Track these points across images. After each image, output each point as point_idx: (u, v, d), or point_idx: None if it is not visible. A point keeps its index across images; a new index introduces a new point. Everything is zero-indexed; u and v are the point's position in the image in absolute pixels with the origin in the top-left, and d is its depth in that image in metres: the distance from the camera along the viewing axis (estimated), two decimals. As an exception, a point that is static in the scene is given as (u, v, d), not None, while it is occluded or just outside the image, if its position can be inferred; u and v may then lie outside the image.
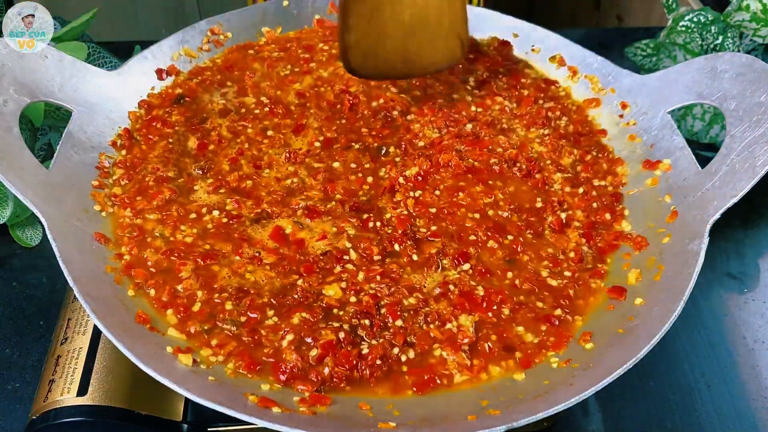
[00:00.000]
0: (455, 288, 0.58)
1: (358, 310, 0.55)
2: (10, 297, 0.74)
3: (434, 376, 0.52)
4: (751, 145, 0.58)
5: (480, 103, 0.76)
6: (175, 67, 0.76)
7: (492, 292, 0.58)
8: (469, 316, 0.56)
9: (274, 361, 0.52)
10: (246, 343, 0.53)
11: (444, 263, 0.59)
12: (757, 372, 0.70)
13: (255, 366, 0.51)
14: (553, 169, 0.69)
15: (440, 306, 0.56)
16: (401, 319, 0.55)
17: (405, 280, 0.58)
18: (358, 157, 0.69)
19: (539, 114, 0.74)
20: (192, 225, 0.61)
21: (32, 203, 0.53)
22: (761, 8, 0.84)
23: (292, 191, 0.65)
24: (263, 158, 0.68)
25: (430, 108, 0.74)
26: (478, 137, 0.71)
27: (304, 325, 0.54)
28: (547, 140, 0.71)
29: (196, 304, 0.55)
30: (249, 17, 0.82)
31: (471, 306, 0.57)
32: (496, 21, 0.83)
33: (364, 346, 0.53)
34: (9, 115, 0.58)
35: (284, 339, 0.53)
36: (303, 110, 0.73)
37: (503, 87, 0.78)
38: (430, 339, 0.54)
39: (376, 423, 0.48)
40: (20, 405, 0.64)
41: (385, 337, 0.54)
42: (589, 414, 0.66)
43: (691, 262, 0.55)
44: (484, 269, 0.59)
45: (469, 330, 0.55)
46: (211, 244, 0.60)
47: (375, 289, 0.57)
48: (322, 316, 0.55)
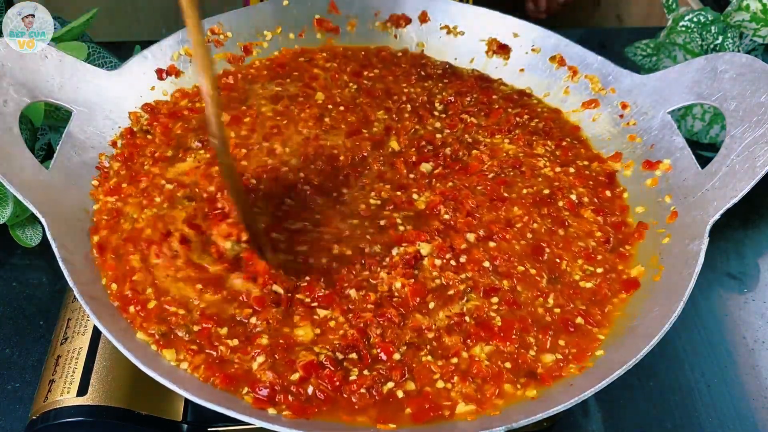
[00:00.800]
0: (471, 319, 0.55)
1: (342, 345, 0.52)
2: (10, 297, 0.74)
3: (434, 406, 0.50)
4: (751, 145, 0.58)
5: (448, 125, 0.74)
6: (175, 67, 0.76)
7: (513, 320, 0.55)
8: (486, 347, 0.53)
9: (249, 381, 0.50)
10: (213, 357, 0.51)
11: (471, 296, 0.57)
12: (757, 372, 0.70)
13: (230, 382, 0.49)
14: (533, 161, 0.70)
15: (451, 339, 0.53)
16: (398, 353, 0.52)
17: (411, 323, 0.54)
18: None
19: (507, 121, 0.74)
20: (162, 199, 0.62)
21: (32, 203, 0.53)
22: (761, 8, 0.84)
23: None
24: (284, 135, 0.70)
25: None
26: (461, 161, 0.70)
27: (276, 347, 0.52)
28: (514, 137, 0.72)
29: (151, 302, 0.54)
30: (249, 17, 0.82)
31: (487, 335, 0.54)
32: (496, 21, 0.83)
33: (352, 373, 0.51)
34: (9, 115, 0.58)
35: (254, 360, 0.51)
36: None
37: (471, 104, 0.77)
38: (431, 373, 0.51)
39: (376, 424, 0.48)
40: (20, 405, 0.64)
41: (379, 371, 0.51)
42: (589, 414, 0.66)
43: (691, 262, 0.55)
44: (514, 301, 0.57)
45: (484, 361, 0.52)
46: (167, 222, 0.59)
47: (364, 324, 0.54)
48: (292, 345, 0.52)
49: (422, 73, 0.81)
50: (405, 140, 0.72)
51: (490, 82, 0.81)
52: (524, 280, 0.58)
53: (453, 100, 0.77)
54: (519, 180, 0.68)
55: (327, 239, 0.61)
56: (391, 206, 0.64)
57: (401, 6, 0.86)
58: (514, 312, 0.56)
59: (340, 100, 0.76)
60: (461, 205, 0.64)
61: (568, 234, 0.63)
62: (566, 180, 0.68)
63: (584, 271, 0.60)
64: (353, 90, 0.78)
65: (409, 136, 0.72)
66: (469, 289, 0.57)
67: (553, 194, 0.66)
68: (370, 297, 0.56)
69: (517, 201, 0.65)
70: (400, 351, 0.52)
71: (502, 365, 0.52)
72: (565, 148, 0.72)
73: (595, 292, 0.58)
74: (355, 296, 0.56)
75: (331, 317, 0.54)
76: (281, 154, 0.69)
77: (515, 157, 0.70)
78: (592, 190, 0.67)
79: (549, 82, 0.80)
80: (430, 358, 0.52)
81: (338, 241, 0.61)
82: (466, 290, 0.57)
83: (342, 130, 0.72)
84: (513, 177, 0.68)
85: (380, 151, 0.70)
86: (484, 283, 0.57)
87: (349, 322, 0.54)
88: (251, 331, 0.53)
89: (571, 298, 0.58)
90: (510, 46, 0.83)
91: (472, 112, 0.76)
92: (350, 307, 0.55)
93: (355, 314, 0.54)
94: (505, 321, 0.55)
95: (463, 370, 0.52)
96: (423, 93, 0.78)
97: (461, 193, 0.65)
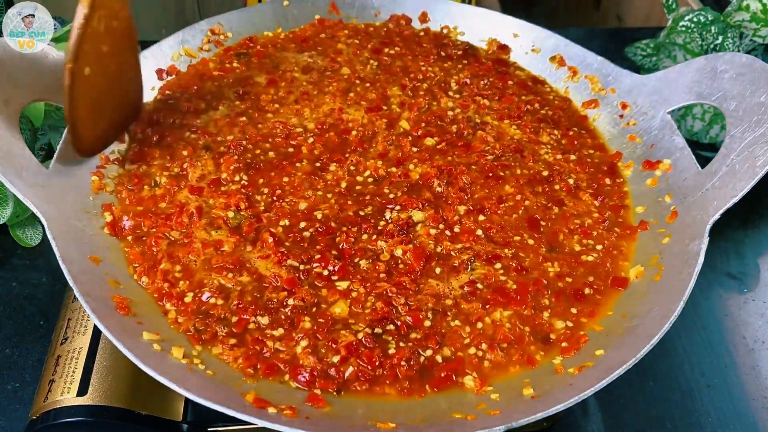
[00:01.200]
0: (483, 286, 0.57)
1: (375, 318, 0.54)
2: (10, 297, 0.74)
3: (453, 374, 0.52)
4: (751, 145, 0.58)
5: (460, 104, 0.76)
6: (175, 67, 0.76)
7: (527, 282, 0.57)
8: (505, 312, 0.56)
9: (291, 366, 0.52)
10: (254, 351, 0.52)
11: (475, 265, 0.59)
12: (757, 372, 0.70)
13: (273, 370, 0.51)
14: (537, 148, 0.71)
15: (471, 306, 0.56)
16: (428, 320, 0.55)
17: (427, 289, 0.57)
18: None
19: (518, 108, 0.75)
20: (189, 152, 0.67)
21: (32, 203, 0.53)
22: (761, 8, 0.84)
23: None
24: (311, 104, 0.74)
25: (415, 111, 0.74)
26: (465, 139, 0.71)
27: (318, 328, 0.54)
28: (522, 123, 0.73)
29: (188, 296, 0.56)
30: (249, 17, 0.82)
31: (505, 300, 0.56)
32: (496, 21, 0.84)
33: (390, 346, 0.53)
34: (9, 115, 0.58)
35: (298, 345, 0.53)
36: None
37: (486, 87, 0.78)
38: (461, 338, 0.54)
39: (376, 423, 0.48)
40: (20, 405, 0.64)
41: (414, 340, 0.53)
42: (589, 414, 0.66)
43: (691, 262, 0.55)
44: (520, 266, 0.59)
45: (506, 324, 0.55)
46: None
47: (390, 296, 0.56)
48: (332, 323, 0.54)
49: (442, 54, 0.82)
50: (415, 116, 0.73)
51: (507, 66, 0.82)
52: (524, 248, 0.61)
53: (468, 83, 0.78)
54: (518, 163, 0.69)
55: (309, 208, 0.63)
56: (387, 184, 0.66)
57: (401, 6, 0.86)
58: (524, 276, 0.58)
59: (363, 76, 0.78)
60: (455, 179, 0.66)
61: (563, 211, 0.64)
62: (566, 166, 0.69)
63: (584, 245, 0.62)
64: (374, 66, 0.80)
65: (420, 113, 0.74)
66: (472, 258, 0.59)
67: (551, 177, 0.67)
68: (380, 267, 0.58)
69: (511, 179, 0.66)
70: (429, 318, 0.55)
71: (523, 328, 0.55)
72: (571, 138, 0.73)
73: (597, 265, 0.60)
74: (366, 266, 0.58)
75: (352, 288, 0.56)
76: (306, 116, 0.72)
77: (519, 141, 0.71)
78: (591, 177, 0.69)
79: (549, 82, 0.80)
80: (458, 322, 0.55)
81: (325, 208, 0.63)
82: (470, 260, 0.59)
83: (363, 106, 0.74)
84: (512, 161, 0.69)
85: (391, 131, 0.72)
86: (485, 251, 0.59)
87: (368, 292, 0.56)
88: (292, 315, 0.54)
89: (573, 267, 0.60)
90: (510, 46, 0.83)
91: (486, 95, 0.77)
92: (363, 276, 0.57)
93: (371, 284, 0.56)
94: (519, 284, 0.57)
95: (489, 335, 0.54)
96: (440, 73, 0.80)
97: (457, 169, 0.66)
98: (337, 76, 0.78)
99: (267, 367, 0.51)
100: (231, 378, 0.51)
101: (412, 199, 0.63)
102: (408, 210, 0.62)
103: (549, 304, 0.57)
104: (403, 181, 0.66)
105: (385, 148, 0.69)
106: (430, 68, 0.80)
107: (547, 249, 0.61)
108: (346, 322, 0.54)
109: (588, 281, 0.59)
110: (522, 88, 0.79)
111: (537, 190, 0.66)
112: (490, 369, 0.53)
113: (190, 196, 0.63)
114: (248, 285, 0.57)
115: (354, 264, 0.58)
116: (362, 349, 0.52)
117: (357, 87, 0.77)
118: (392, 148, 0.69)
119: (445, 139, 0.71)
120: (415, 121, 0.73)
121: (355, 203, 0.63)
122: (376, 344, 0.53)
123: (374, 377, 0.51)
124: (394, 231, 0.60)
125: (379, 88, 0.77)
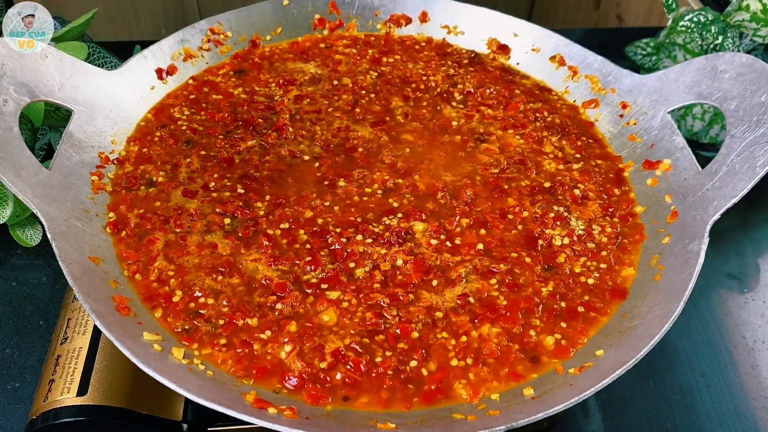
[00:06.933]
0: (474, 300, 0.57)
1: (363, 330, 0.54)
2: (10, 297, 0.74)
3: (442, 387, 0.51)
4: (751, 145, 0.58)
5: (465, 115, 0.75)
6: (175, 67, 0.76)
7: (518, 300, 0.57)
8: (493, 328, 0.55)
9: (279, 372, 0.51)
10: (243, 353, 0.52)
11: (471, 278, 0.58)
12: (757, 372, 0.70)
13: (263, 374, 0.51)
14: (540, 158, 0.70)
15: (459, 319, 0.55)
16: (416, 332, 0.54)
17: (421, 301, 0.56)
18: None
19: (525, 116, 0.74)
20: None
21: (32, 203, 0.53)
22: (761, 8, 0.84)
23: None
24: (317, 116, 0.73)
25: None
26: (469, 152, 0.71)
27: (303, 333, 0.53)
28: (526, 133, 0.72)
29: (176, 294, 0.56)
30: (249, 17, 0.82)
31: (494, 316, 0.56)
32: (497, 21, 0.84)
33: (378, 354, 0.53)
34: (9, 115, 0.58)
35: (283, 349, 0.52)
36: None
37: (491, 95, 0.77)
38: (446, 352, 0.53)
39: (376, 423, 0.48)
40: (20, 405, 0.64)
41: (402, 351, 0.53)
42: (589, 414, 0.66)
43: (691, 262, 0.55)
44: (514, 282, 0.58)
45: (493, 340, 0.54)
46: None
47: (382, 306, 0.55)
48: (318, 330, 0.54)
49: (448, 62, 0.82)
50: (419, 126, 0.73)
51: (513, 75, 0.81)
52: (519, 265, 0.60)
53: (473, 92, 0.78)
54: (522, 176, 0.68)
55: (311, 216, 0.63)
56: (395, 195, 0.65)
57: (401, 6, 0.86)
58: (516, 293, 0.57)
59: (365, 86, 0.78)
60: (459, 193, 0.65)
61: (568, 219, 0.64)
62: (571, 176, 0.68)
63: (586, 266, 0.61)
64: (374, 77, 0.79)
65: (423, 123, 0.74)
66: (469, 271, 0.58)
67: (554, 188, 0.67)
68: (376, 276, 0.57)
69: (514, 192, 0.66)
70: (418, 329, 0.54)
71: (511, 345, 0.54)
72: (579, 147, 0.72)
73: (597, 285, 0.59)
74: (362, 275, 0.57)
75: (343, 299, 0.56)
76: (317, 138, 0.71)
77: (522, 153, 0.70)
78: (600, 186, 0.68)
79: (549, 82, 0.80)
80: (445, 334, 0.54)
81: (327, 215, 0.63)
82: (467, 272, 0.58)
83: (368, 120, 0.74)
84: (517, 173, 0.68)
85: (395, 145, 0.71)
86: (482, 265, 0.59)
87: (360, 302, 0.55)
88: (279, 317, 0.54)
89: (570, 287, 0.59)
90: (510, 46, 0.83)
91: (491, 104, 0.77)
92: (358, 286, 0.57)
93: (365, 294, 0.56)
94: (510, 300, 0.57)
95: (475, 349, 0.53)
96: (445, 82, 0.79)
97: (461, 182, 0.66)
98: (344, 88, 0.77)
99: (258, 371, 0.51)
100: (231, 378, 0.51)
101: (416, 210, 0.63)
102: (410, 220, 0.62)
103: (539, 324, 0.56)
104: (410, 192, 0.66)
105: (392, 161, 0.69)
106: (432, 77, 0.80)
107: (542, 268, 0.60)
108: (332, 329, 0.54)
109: (584, 300, 0.58)
110: (529, 96, 0.78)
111: (537, 198, 0.65)
112: (478, 381, 0.52)
113: (188, 200, 0.63)
114: (237, 287, 0.56)
115: (349, 273, 0.58)
116: (350, 354, 0.52)
117: (364, 99, 0.76)
118: (399, 160, 0.69)
119: (449, 152, 0.70)
120: (419, 133, 0.73)
121: (358, 211, 0.63)
122: (364, 351, 0.53)
123: (361, 384, 0.51)
124: (392, 238, 0.60)
125: (383, 99, 0.76)
